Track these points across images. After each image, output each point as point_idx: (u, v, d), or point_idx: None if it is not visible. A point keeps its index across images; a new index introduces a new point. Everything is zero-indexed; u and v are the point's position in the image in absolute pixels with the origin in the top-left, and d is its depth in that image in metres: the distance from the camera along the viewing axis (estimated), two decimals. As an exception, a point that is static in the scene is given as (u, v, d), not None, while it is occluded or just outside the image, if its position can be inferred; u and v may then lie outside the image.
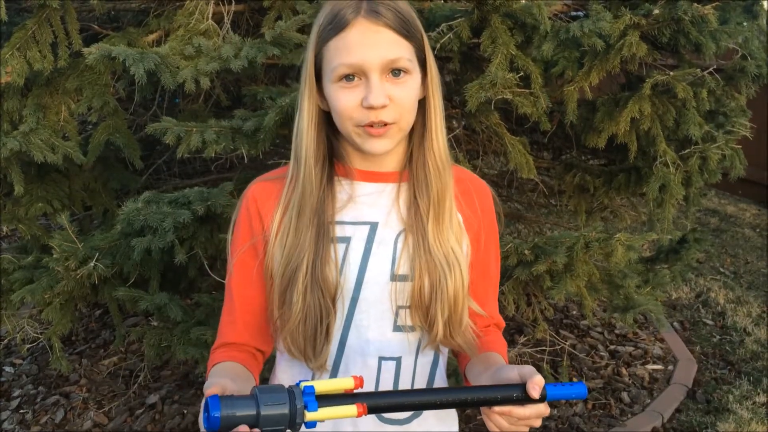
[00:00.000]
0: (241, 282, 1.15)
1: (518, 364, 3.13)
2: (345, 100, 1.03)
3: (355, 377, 0.90)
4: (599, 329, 3.64)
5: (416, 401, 0.96)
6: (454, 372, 1.66)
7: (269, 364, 1.23)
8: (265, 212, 1.11)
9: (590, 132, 2.38)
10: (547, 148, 3.14)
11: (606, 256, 2.21)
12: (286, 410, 0.83)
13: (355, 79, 1.02)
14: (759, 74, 2.32)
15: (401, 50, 1.03)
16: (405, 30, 1.04)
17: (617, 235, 2.15)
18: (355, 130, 1.04)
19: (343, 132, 1.07)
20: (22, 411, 2.95)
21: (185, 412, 2.87)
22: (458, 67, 2.26)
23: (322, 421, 0.87)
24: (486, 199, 1.21)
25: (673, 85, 2.16)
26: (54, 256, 1.97)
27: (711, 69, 2.29)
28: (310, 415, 0.85)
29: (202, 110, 2.66)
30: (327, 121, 1.11)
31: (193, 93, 2.03)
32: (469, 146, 2.79)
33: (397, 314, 1.12)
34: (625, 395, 3.09)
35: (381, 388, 1.13)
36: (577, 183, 2.80)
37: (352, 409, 0.88)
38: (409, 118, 1.07)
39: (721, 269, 4.68)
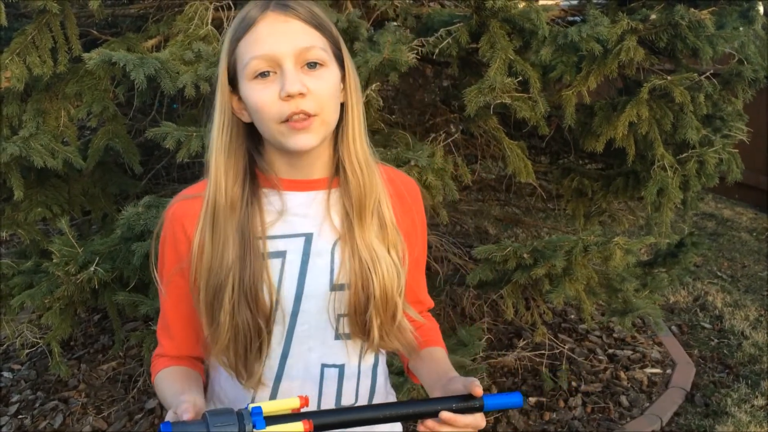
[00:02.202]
0: (173, 302, 1.13)
1: (518, 368, 3.14)
2: (262, 96, 0.99)
3: (300, 396, 0.92)
4: (598, 333, 3.65)
5: (362, 417, 0.98)
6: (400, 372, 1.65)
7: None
8: (189, 229, 1.07)
9: (588, 136, 2.39)
10: (545, 153, 3.15)
11: (604, 259, 2.22)
12: (235, 431, 0.87)
13: (270, 74, 0.99)
14: (755, 78, 2.33)
15: (314, 39, 1.01)
16: (316, 22, 1.02)
17: (615, 239, 2.16)
18: (278, 128, 1.00)
19: (266, 135, 1.03)
20: (20, 416, 2.95)
21: (184, 416, 2.86)
22: (457, 72, 2.27)
23: None
24: (416, 196, 1.21)
25: (670, 90, 2.17)
26: (54, 260, 1.97)
27: (708, 73, 2.30)
28: None
29: (202, 115, 2.67)
30: (248, 134, 1.07)
31: (193, 98, 2.03)
32: (467, 151, 2.80)
33: (337, 323, 1.11)
34: (623, 399, 3.09)
35: (324, 395, 1.13)
36: (575, 187, 2.81)
37: (298, 425, 0.90)
38: (330, 110, 1.03)
39: (719, 273, 4.69)
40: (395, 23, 2.16)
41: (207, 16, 2.18)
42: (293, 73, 0.98)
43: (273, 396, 1.12)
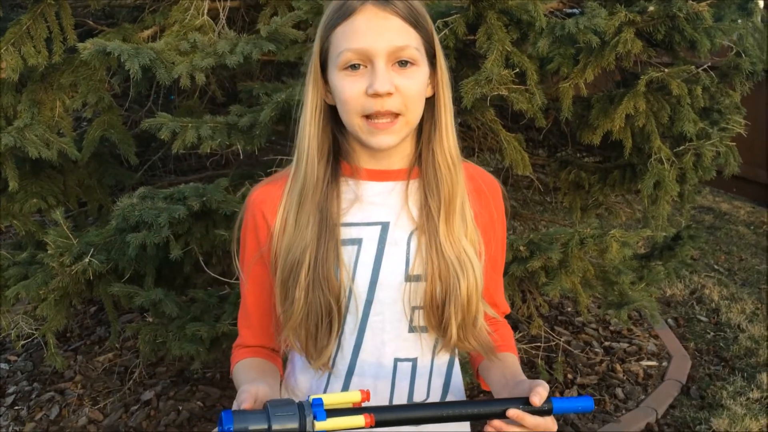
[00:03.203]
0: (254, 290, 1.15)
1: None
2: (350, 88, 1.00)
3: (362, 391, 0.92)
4: (594, 326, 3.66)
5: (425, 415, 0.97)
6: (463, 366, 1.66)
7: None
8: (270, 215, 1.10)
9: (585, 129, 2.38)
10: (542, 146, 3.15)
11: (601, 252, 2.21)
12: (296, 423, 0.86)
13: (361, 67, 1.00)
14: (753, 71, 2.33)
15: (409, 39, 1.01)
16: (414, 19, 1.02)
17: (612, 232, 2.16)
18: (360, 124, 1.02)
19: (348, 126, 1.05)
20: (17, 407, 2.95)
21: (180, 408, 2.87)
22: (454, 63, 2.26)
23: (331, 431, 0.89)
24: (497, 195, 1.20)
25: (667, 82, 2.17)
26: (49, 251, 1.96)
27: (706, 66, 2.29)
28: (319, 425, 0.88)
29: (198, 106, 2.66)
30: (333, 118, 1.08)
31: (189, 89, 2.03)
32: (464, 143, 2.79)
33: (412, 315, 1.10)
34: (619, 391, 3.10)
35: (397, 390, 1.12)
36: (572, 180, 2.81)
37: (359, 419, 0.90)
38: (416, 110, 1.04)
39: (716, 266, 4.70)
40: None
41: (203, 7, 2.17)
42: (384, 71, 0.98)
43: (346, 387, 1.12)
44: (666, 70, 2.19)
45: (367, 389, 0.93)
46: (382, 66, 0.99)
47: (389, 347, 1.11)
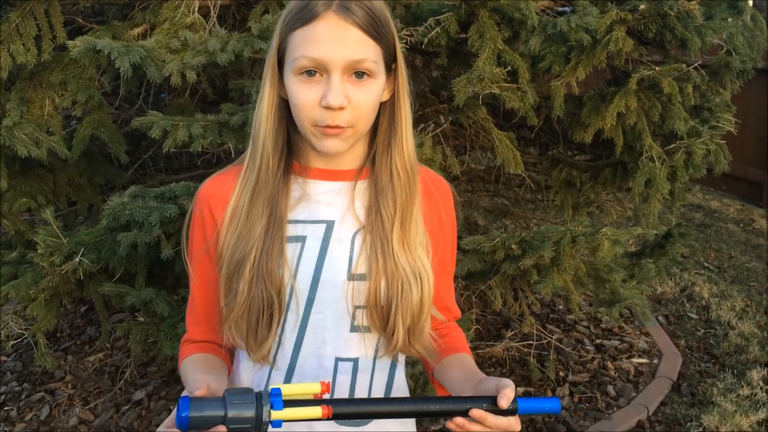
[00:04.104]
0: (201, 285, 1.15)
1: (506, 358, 3.14)
2: (303, 96, 1.00)
3: (322, 382, 0.92)
4: (585, 323, 3.67)
5: (384, 410, 0.97)
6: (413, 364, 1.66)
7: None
8: (217, 210, 1.09)
9: (577, 127, 2.39)
10: (534, 144, 3.16)
11: (592, 250, 2.22)
12: (252, 411, 0.87)
13: (316, 74, 0.99)
14: (743, 70, 2.34)
15: (368, 51, 1.00)
16: (375, 31, 1.00)
17: (603, 230, 2.17)
18: (311, 129, 1.02)
19: (299, 127, 1.04)
20: (6, 408, 2.93)
21: (172, 408, 2.86)
22: (446, 62, 2.26)
23: (287, 420, 0.89)
24: (448, 199, 1.20)
25: (658, 81, 2.17)
26: (39, 251, 1.95)
27: (696, 64, 2.30)
28: (275, 414, 0.88)
29: (189, 105, 2.65)
30: (288, 113, 1.07)
31: (180, 87, 2.01)
32: (456, 141, 2.79)
33: (354, 315, 1.09)
34: (610, 389, 3.11)
35: (337, 390, 1.11)
36: (563, 178, 2.81)
37: (316, 410, 0.90)
38: (366, 121, 1.04)
39: (706, 264, 4.72)
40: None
41: (193, 5, 2.16)
42: (338, 85, 0.98)
43: (287, 383, 1.10)
44: (657, 68, 2.20)
45: (328, 381, 0.93)
46: (338, 79, 0.98)
47: (330, 346, 1.10)
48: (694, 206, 5.99)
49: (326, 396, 0.93)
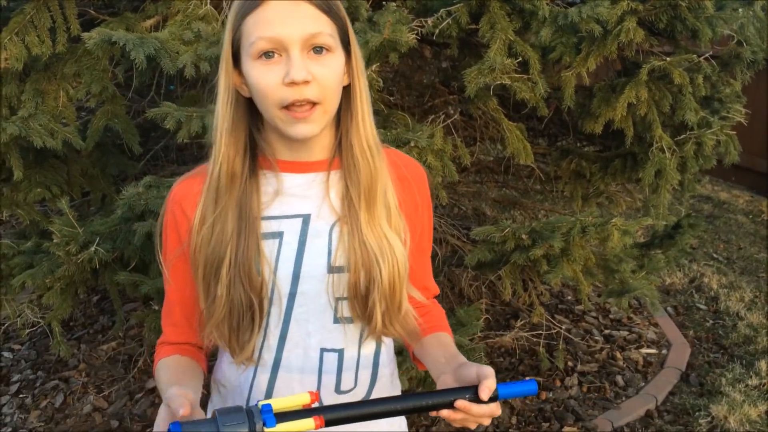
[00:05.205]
0: (177, 286, 1.13)
1: (515, 348, 3.16)
2: (265, 79, 0.98)
3: (311, 392, 0.92)
4: (594, 314, 3.68)
5: (374, 411, 0.97)
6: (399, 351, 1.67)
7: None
8: (189, 211, 1.08)
9: (587, 118, 2.39)
10: (544, 135, 3.16)
11: (602, 241, 2.22)
12: (245, 430, 0.86)
13: (275, 55, 0.98)
14: (754, 60, 2.34)
15: (322, 25, 0.99)
16: (326, 6, 1.00)
17: (613, 220, 2.17)
18: (279, 115, 1.00)
19: (266, 116, 1.03)
20: (21, 395, 2.97)
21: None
22: (456, 53, 2.27)
23: None
24: (422, 181, 1.19)
25: (669, 71, 2.17)
26: (54, 240, 1.97)
27: (707, 55, 2.30)
28: (269, 431, 0.87)
29: (201, 96, 2.66)
30: (248, 110, 1.06)
31: (192, 78, 2.03)
32: (466, 132, 2.80)
33: (336, 306, 1.10)
34: (619, 379, 3.12)
35: (324, 381, 1.12)
36: (573, 169, 2.82)
37: (309, 422, 0.89)
38: (333, 99, 1.02)
39: (715, 255, 4.72)
40: (395, 3, 2.15)
41: (206, -4, 2.17)
42: (299, 59, 0.97)
43: (272, 380, 1.12)
44: (668, 59, 2.20)
45: (316, 390, 0.93)
46: (297, 54, 0.97)
47: (314, 338, 1.11)
48: (703, 197, 5.98)
49: (315, 405, 0.92)
